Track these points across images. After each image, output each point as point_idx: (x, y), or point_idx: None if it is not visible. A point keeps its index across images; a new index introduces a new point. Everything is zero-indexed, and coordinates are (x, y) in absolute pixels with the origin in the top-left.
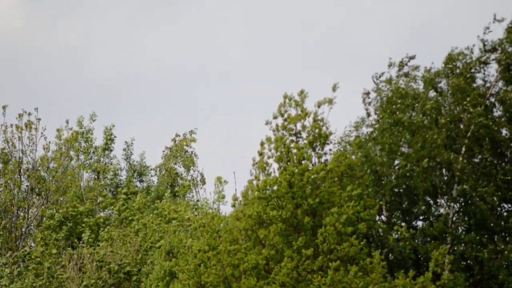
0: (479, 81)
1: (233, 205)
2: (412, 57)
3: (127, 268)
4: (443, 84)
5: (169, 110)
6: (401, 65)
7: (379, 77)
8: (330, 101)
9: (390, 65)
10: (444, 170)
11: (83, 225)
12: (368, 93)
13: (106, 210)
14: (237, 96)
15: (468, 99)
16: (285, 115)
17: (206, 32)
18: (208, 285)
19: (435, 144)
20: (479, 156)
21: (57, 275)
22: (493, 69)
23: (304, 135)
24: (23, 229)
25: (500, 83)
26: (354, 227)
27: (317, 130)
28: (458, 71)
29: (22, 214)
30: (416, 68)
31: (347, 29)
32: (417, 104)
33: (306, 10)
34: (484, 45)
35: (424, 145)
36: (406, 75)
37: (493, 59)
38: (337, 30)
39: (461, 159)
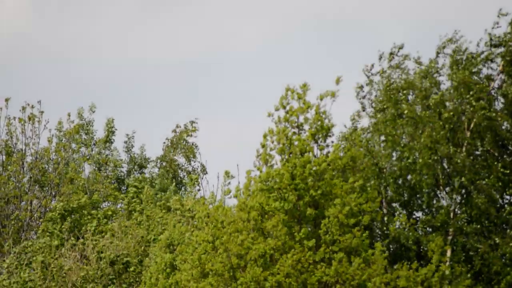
0: (483, 75)
1: (235, 196)
2: (401, 47)
3: (125, 259)
4: (444, 78)
5: (170, 102)
6: (391, 56)
7: (370, 69)
8: (333, 94)
9: (380, 57)
10: (445, 163)
11: (89, 217)
12: (361, 87)
13: (109, 202)
14: (239, 88)
15: (471, 92)
16: (287, 108)
17: (207, 25)
18: (213, 273)
19: (437, 138)
20: (480, 149)
21: (51, 268)
22: (496, 64)
23: (306, 127)
24: (26, 221)
25: (502, 76)
26: (356, 218)
27: (319, 123)
28: (463, 63)
29: (24, 206)
30: (406, 57)
31: (350, 23)
32: (418, 99)
33: (308, 3)
34: (491, 40)
35: (428, 139)
36: (397, 66)
37: (497, 54)
38: (341, 24)
39: (463, 152)
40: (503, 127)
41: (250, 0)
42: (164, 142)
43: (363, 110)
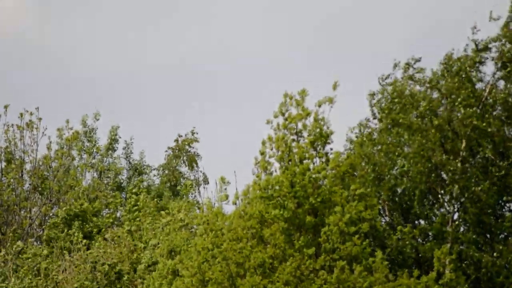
0: (475, 81)
1: (234, 203)
2: (418, 60)
3: (117, 268)
4: (439, 84)
5: (170, 109)
6: (407, 67)
7: (385, 78)
8: (331, 100)
9: (395, 66)
10: (440, 171)
11: (91, 224)
12: (373, 94)
13: (110, 209)
14: (238, 95)
15: (459, 99)
16: (286, 114)
17: (207, 31)
18: (212, 282)
19: (430, 145)
20: (477, 156)
21: (52, 275)
22: (488, 68)
23: (305, 134)
24: (26, 229)
25: (496, 81)
26: (356, 226)
27: (318, 130)
28: (453, 70)
29: (24, 213)
30: (421, 70)
31: (352, 27)
32: (412, 106)
33: (309, 5)
34: (476, 45)
35: (420, 147)
36: (411, 77)
37: (486, 58)
38: (342, 28)
39: (458, 160)
40: (500, 133)
41: (252, 3)
42: (166, 151)
43: (374, 118)
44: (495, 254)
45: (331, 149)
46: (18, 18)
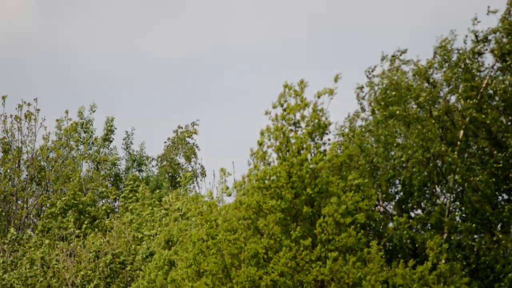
0: (474, 72)
1: (229, 194)
2: (404, 51)
3: (122, 258)
4: (435, 75)
5: (170, 101)
6: (393, 59)
7: (372, 71)
8: (331, 92)
9: (383, 58)
10: (438, 161)
11: (87, 215)
12: (361, 88)
13: (106, 199)
14: (237, 88)
15: (460, 91)
16: (285, 105)
17: (207, 24)
18: (207, 273)
19: (429, 136)
20: (475, 146)
21: (52, 265)
22: (487, 60)
23: (303, 125)
24: (23, 219)
25: (496, 72)
26: (353, 217)
27: (316, 120)
28: (452, 61)
29: (21, 203)
30: (408, 62)
31: (352, 23)
32: (410, 97)
33: (310, 3)
34: (476, 36)
35: (419, 137)
36: (398, 69)
37: (486, 49)
38: (341, 24)
39: (456, 150)
40: (497, 124)
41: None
42: (165, 142)
43: (363, 111)
44: (494, 238)
45: (329, 139)
46: (18, 13)
